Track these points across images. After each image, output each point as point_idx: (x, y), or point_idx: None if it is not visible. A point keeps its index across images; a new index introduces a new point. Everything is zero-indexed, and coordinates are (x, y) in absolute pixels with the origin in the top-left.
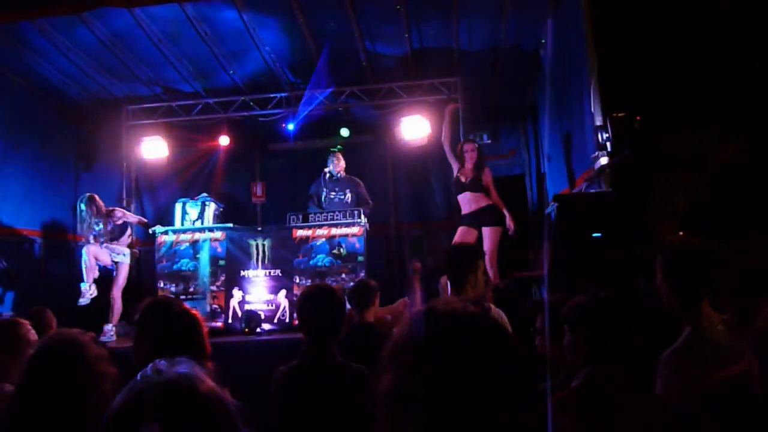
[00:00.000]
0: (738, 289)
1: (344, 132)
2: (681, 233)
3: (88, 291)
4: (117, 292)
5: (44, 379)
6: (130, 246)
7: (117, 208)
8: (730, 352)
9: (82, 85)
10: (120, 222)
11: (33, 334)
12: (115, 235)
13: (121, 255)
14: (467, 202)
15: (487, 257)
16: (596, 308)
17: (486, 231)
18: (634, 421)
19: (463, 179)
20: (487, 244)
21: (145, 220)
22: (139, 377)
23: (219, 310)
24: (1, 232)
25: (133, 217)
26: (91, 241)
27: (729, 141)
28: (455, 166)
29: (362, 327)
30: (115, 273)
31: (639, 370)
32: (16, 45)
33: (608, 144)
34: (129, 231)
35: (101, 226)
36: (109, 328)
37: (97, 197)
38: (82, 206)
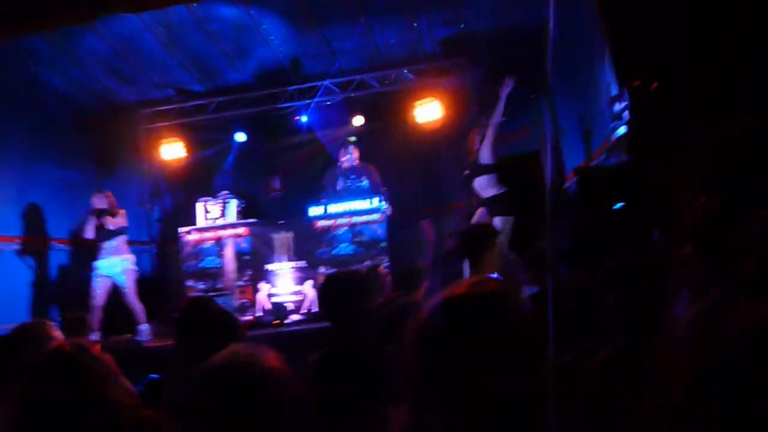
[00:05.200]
0: None
1: (357, 120)
2: (701, 199)
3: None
4: (132, 296)
5: (43, 387)
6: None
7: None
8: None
9: (96, 93)
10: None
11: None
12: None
13: (128, 263)
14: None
15: None
16: (639, 271)
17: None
18: (670, 381)
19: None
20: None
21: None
22: (212, 361)
23: (248, 304)
24: (29, 241)
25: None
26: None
27: (748, 104)
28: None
29: (407, 305)
30: (124, 281)
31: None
32: (29, 58)
33: (625, 114)
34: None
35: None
36: (145, 327)
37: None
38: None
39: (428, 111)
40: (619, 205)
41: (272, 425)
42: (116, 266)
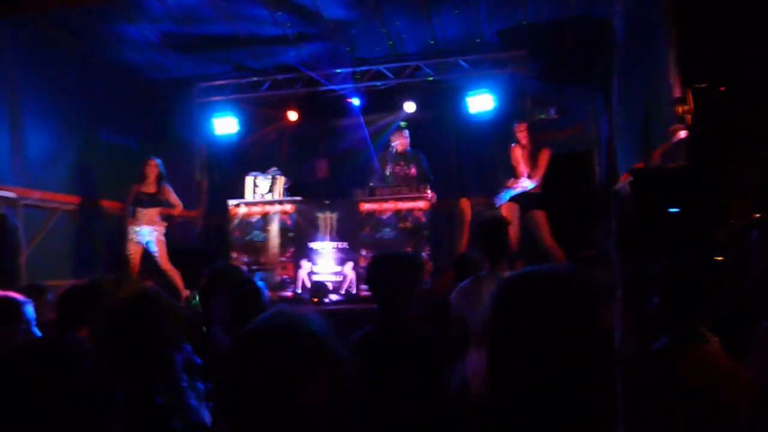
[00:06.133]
0: None
1: (409, 107)
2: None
3: None
4: (168, 264)
5: (124, 324)
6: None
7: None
8: None
9: (158, 64)
10: (163, 197)
11: None
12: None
13: (160, 233)
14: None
15: (546, 242)
16: (693, 272)
17: (535, 215)
18: (717, 384)
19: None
20: (540, 229)
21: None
22: (259, 318)
23: (288, 280)
24: (91, 204)
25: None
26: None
27: None
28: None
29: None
30: (156, 250)
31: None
32: (99, 26)
33: (688, 117)
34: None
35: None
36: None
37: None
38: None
39: (481, 102)
40: (674, 209)
41: (318, 382)
42: (147, 235)
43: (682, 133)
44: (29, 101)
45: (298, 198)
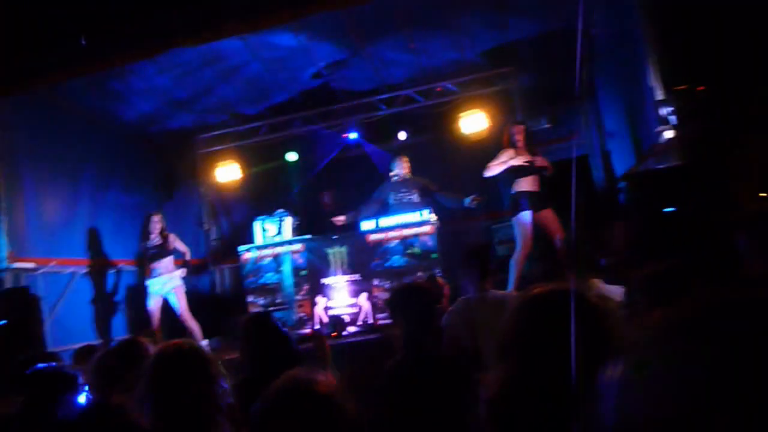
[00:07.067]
0: None
1: (401, 135)
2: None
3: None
4: (188, 314)
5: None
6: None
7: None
8: None
9: (158, 122)
10: (171, 247)
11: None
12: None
13: (177, 280)
14: (529, 184)
15: (559, 237)
16: (669, 275)
17: (549, 213)
18: None
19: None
20: (555, 225)
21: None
22: (271, 387)
23: (306, 317)
24: (105, 265)
25: (182, 246)
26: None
27: None
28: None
29: None
30: (176, 300)
31: None
32: (100, 92)
33: (672, 117)
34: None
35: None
36: (204, 342)
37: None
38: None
39: (474, 122)
40: (670, 209)
41: None
42: (165, 284)
43: (669, 134)
44: (38, 172)
45: (307, 236)
